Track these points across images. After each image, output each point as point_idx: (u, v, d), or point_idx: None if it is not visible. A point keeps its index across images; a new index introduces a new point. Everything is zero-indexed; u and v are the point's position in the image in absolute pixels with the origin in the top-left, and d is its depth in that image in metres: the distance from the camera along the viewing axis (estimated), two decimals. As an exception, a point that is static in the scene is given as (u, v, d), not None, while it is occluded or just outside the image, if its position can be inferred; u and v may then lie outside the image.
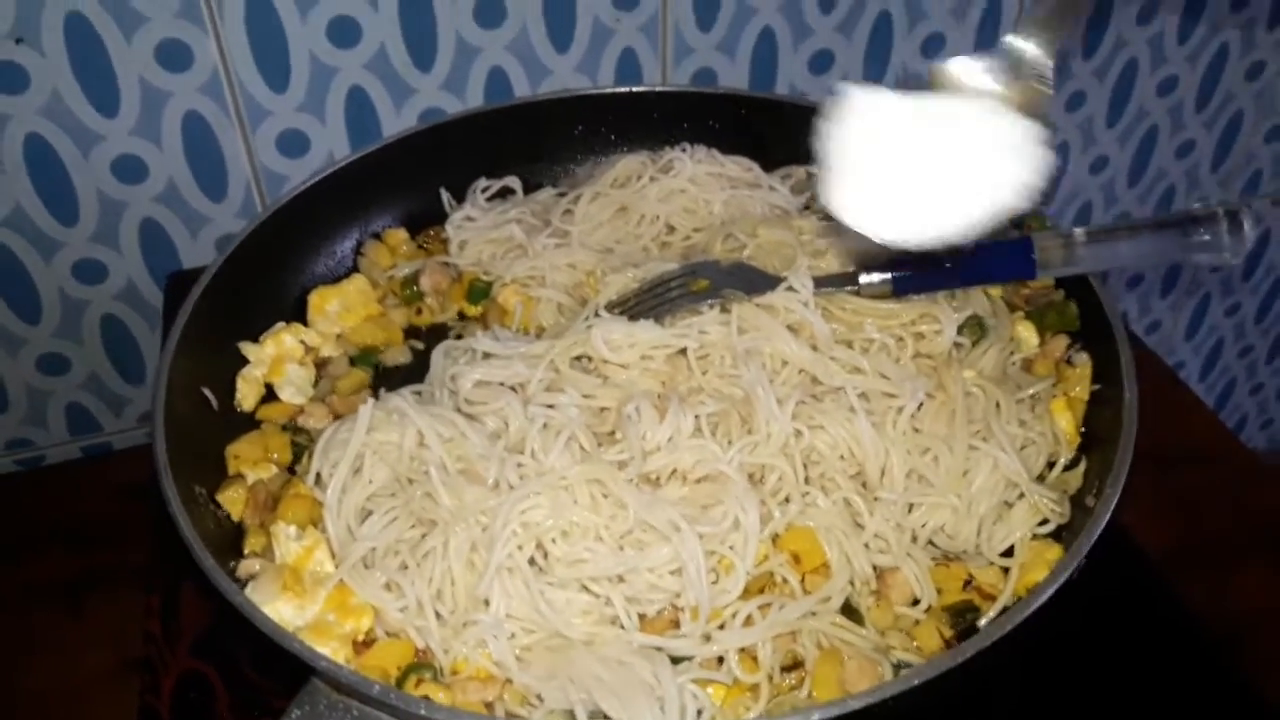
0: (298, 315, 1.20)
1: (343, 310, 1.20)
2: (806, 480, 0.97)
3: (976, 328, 1.07)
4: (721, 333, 1.05)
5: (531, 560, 0.91)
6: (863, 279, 1.07)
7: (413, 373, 1.17)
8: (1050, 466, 1.02)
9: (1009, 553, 0.96)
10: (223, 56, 1.32)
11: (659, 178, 1.29)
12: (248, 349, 1.13)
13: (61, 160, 1.33)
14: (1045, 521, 0.97)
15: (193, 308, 1.07)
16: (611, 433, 1.00)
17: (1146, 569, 1.12)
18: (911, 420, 0.99)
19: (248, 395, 1.12)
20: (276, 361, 1.14)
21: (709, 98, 1.36)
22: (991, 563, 0.96)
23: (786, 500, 0.95)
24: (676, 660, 0.88)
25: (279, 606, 0.91)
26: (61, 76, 1.27)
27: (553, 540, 0.91)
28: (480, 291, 1.23)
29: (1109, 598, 1.05)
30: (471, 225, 1.28)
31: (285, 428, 1.10)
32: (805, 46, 1.55)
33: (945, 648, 0.91)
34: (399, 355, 1.20)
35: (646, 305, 1.10)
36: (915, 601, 0.94)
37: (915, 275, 1.06)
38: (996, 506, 0.97)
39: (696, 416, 0.98)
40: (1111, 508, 0.89)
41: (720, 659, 0.89)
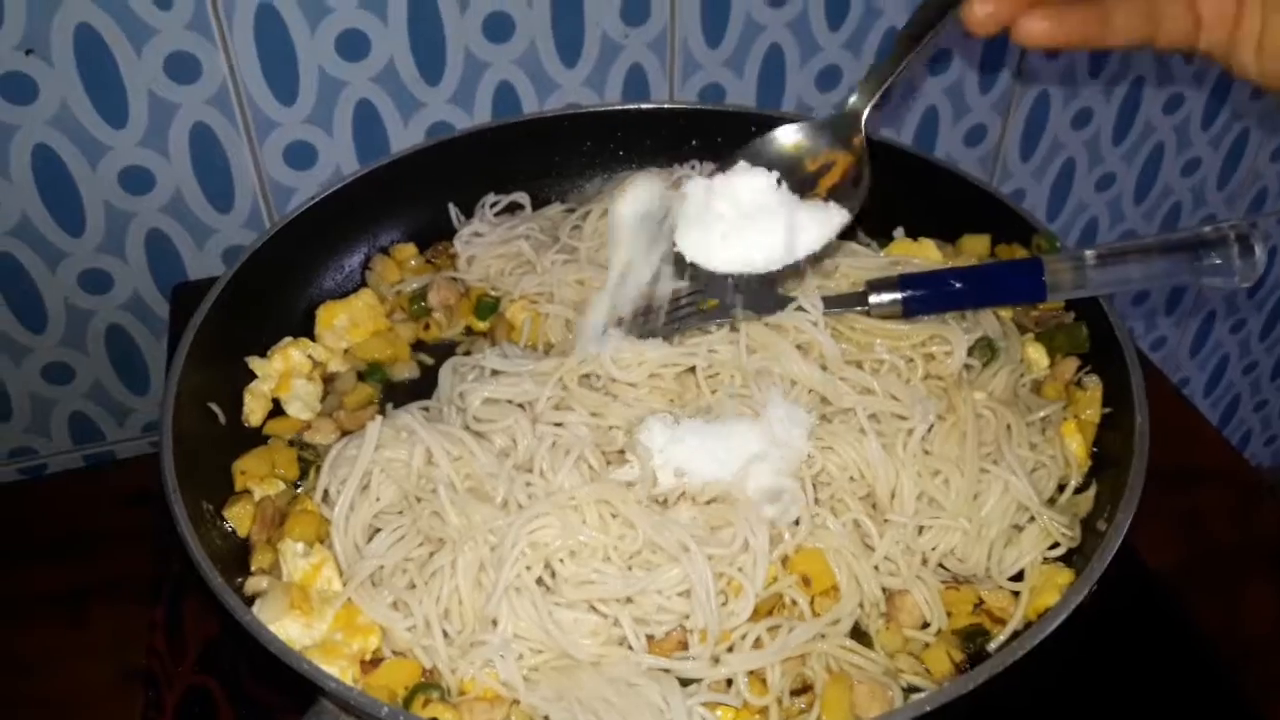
0: (305, 330, 1.20)
1: (350, 325, 1.20)
2: (816, 501, 0.97)
3: (987, 349, 1.07)
4: (731, 352, 1.04)
5: (539, 580, 0.91)
6: (872, 299, 1.07)
7: (420, 388, 1.17)
8: (1061, 490, 1.02)
9: (1019, 576, 0.96)
10: (231, 69, 1.32)
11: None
12: (255, 364, 1.13)
13: (69, 171, 1.33)
14: (1056, 545, 0.97)
15: (201, 322, 1.07)
16: (620, 451, 1.00)
17: (1153, 588, 1.12)
18: (922, 442, 0.98)
19: (255, 410, 1.12)
20: (284, 376, 1.14)
21: (719, 115, 1.36)
22: (1001, 586, 0.96)
23: (796, 522, 0.95)
24: (685, 682, 0.88)
25: (286, 625, 0.90)
26: (70, 87, 1.27)
27: (561, 560, 0.91)
28: (488, 307, 1.23)
29: (1116, 617, 1.05)
30: (480, 241, 1.28)
31: (292, 443, 1.10)
32: (813, 63, 1.55)
33: (955, 671, 0.91)
34: (406, 370, 1.20)
35: (655, 323, 1.10)
36: (925, 625, 0.94)
37: (925, 296, 1.06)
38: (1007, 530, 0.97)
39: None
40: (1124, 533, 0.89)
41: (729, 681, 0.88)
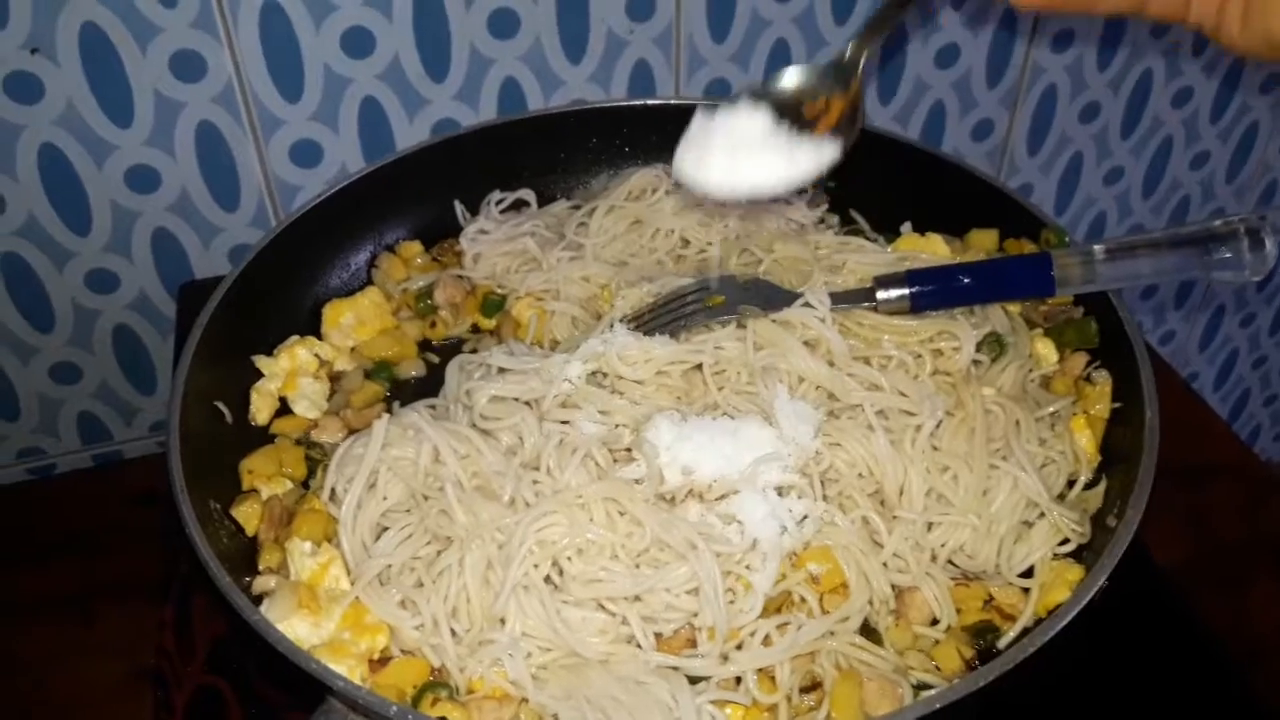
0: (312, 328, 1.20)
1: (357, 323, 1.20)
2: (824, 498, 0.96)
3: (995, 345, 1.06)
4: (738, 348, 1.04)
5: (547, 578, 0.91)
6: (880, 295, 1.06)
7: (427, 386, 1.17)
8: (1070, 485, 1.02)
9: (1029, 572, 0.96)
10: (236, 67, 1.32)
11: (674, 191, 1.28)
12: (262, 362, 1.13)
13: (75, 170, 1.33)
14: (1065, 541, 0.97)
15: (207, 321, 1.07)
16: (627, 449, 0.99)
17: (1162, 584, 1.11)
18: (930, 438, 0.98)
19: (262, 409, 1.11)
20: (290, 375, 1.13)
21: (725, 110, 1.35)
22: (1011, 582, 0.95)
23: (804, 519, 0.94)
24: (694, 680, 0.87)
25: (294, 624, 0.90)
26: (76, 87, 1.27)
27: (569, 558, 0.91)
28: (494, 304, 1.23)
29: (1125, 614, 1.04)
30: (486, 238, 1.28)
31: (299, 442, 1.10)
32: (819, 57, 1.54)
33: (965, 668, 0.90)
34: (413, 368, 1.19)
35: (662, 320, 1.09)
36: (934, 621, 0.94)
37: (933, 291, 1.06)
38: (1016, 526, 0.97)
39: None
40: (1134, 529, 0.89)
41: (738, 679, 0.88)
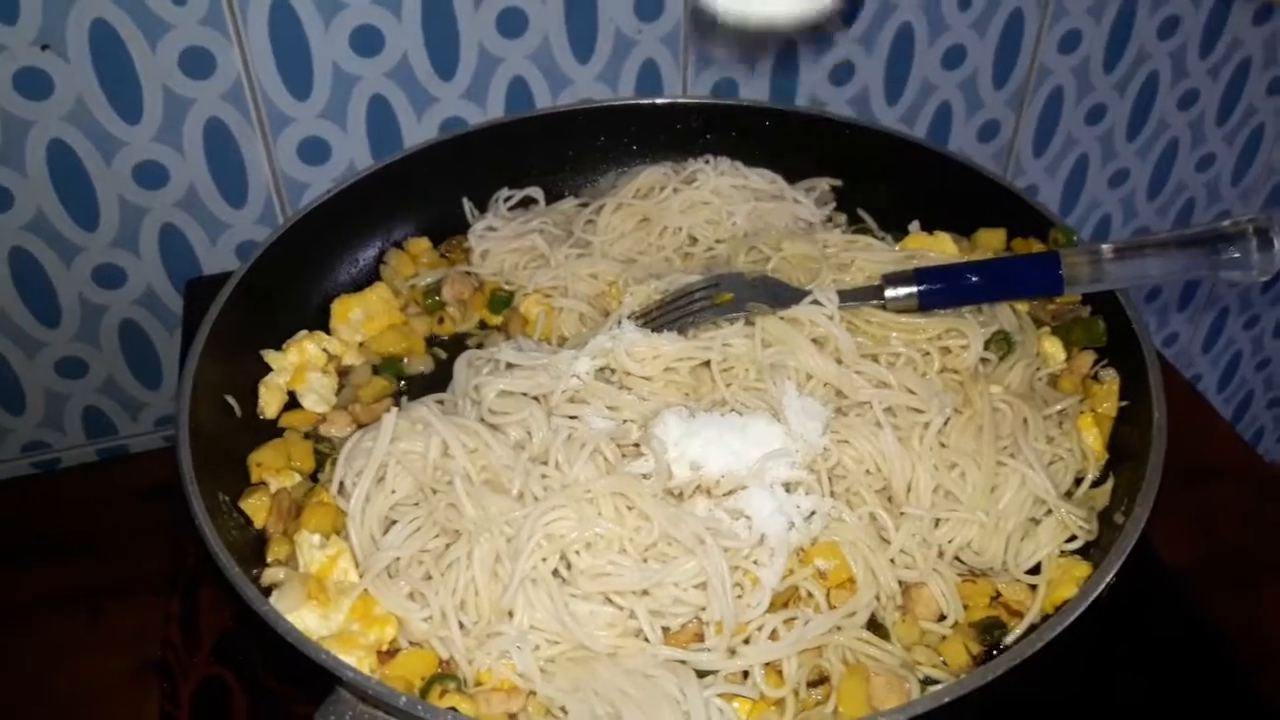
0: (320, 323, 1.20)
1: (365, 318, 1.20)
2: (832, 495, 0.96)
3: (1003, 343, 1.07)
4: (746, 345, 1.04)
5: (555, 572, 0.91)
6: (888, 293, 1.06)
7: (435, 381, 1.17)
8: (1078, 483, 1.02)
9: (1036, 569, 0.96)
10: (246, 64, 1.32)
11: (682, 189, 1.29)
12: (270, 356, 1.13)
13: (84, 166, 1.33)
14: (1073, 538, 0.97)
15: (217, 315, 1.07)
16: (636, 445, 1.00)
17: (1169, 584, 1.11)
18: (938, 435, 0.98)
19: (270, 403, 1.12)
20: (299, 369, 1.14)
21: (732, 109, 1.36)
22: (1018, 579, 0.95)
23: (812, 514, 0.95)
24: (702, 674, 0.88)
25: (304, 615, 0.90)
26: (85, 83, 1.27)
27: (577, 552, 0.91)
28: (502, 301, 1.23)
29: (1132, 611, 1.05)
30: (494, 235, 1.28)
31: (308, 436, 1.10)
32: (827, 58, 1.55)
33: (972, 664, 0.90)
34: (421, 364, 1.20)
35: (670, 317, 1.10)
36: (942, 617, 0.94)
37: (942, 289, 1.06)
38: (1024, 523, 0.97)
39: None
40: (1141, 526, 0.89)
41: (745, 673, 0.88)
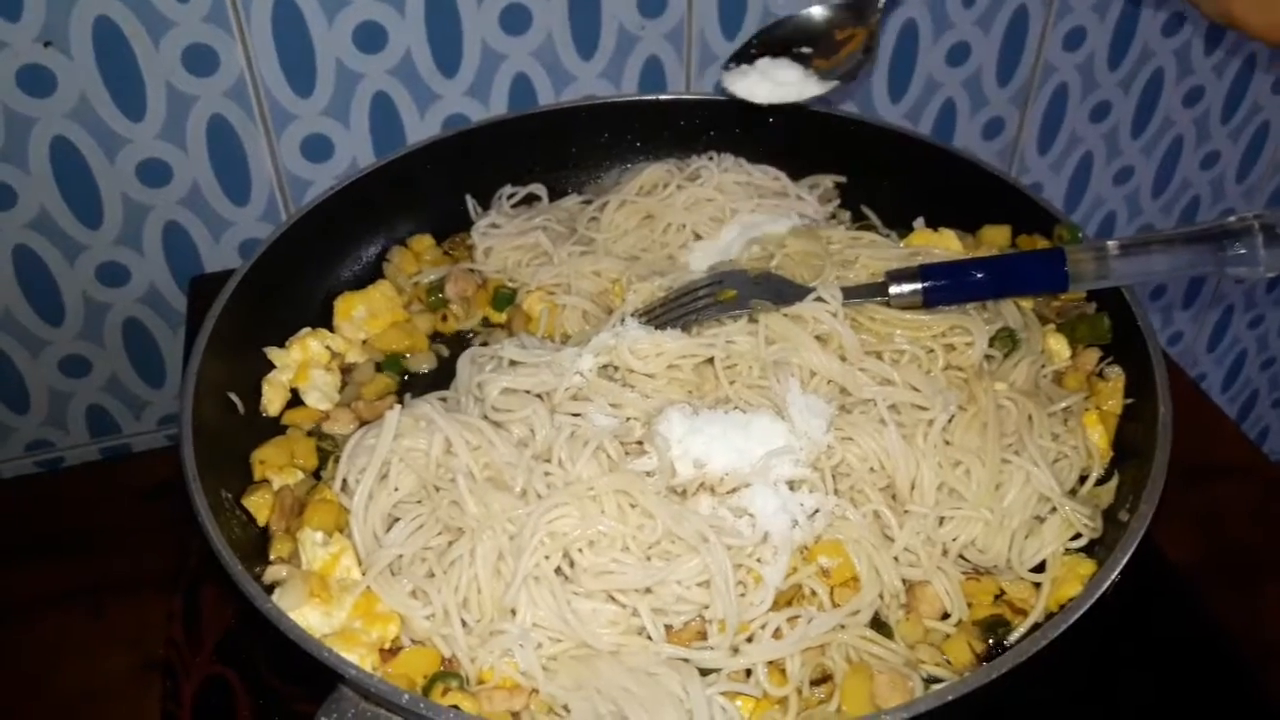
0: (323, 321, 1.20)
1: (368, 316, 1.20)
2: (836, 492, 0.96)
3: (1008, 340, 1.06)
4: (749, 343, 1.04)
5: (558, 570, 0.91)
6: (893, 290, 1.06)
7: (438, 379, 1.17)
8: (1082, 480, 1.01)
9: (1040, 567, 0.96)
10: (249, 61, 1.32)
11: (685, 186, 1.28)
12: (273, 354, 1.13)
13: (87, 163, 1.33)
14: (1077, 536, 0.96)
15: (220, 312, 1.07)
16: (639, 442, 0.99)
17: (1174, 583, 1.11)
18: (943, 433, 0.98)
19: (273, 400, 1.12)
20: (302, 367, 1.14)
21: (736, 106, 1.35)
22: (1023, 577, 0.95)
23: (816, 512, 0.94)
24: (705, 672, 0.87)
25: (306, 613, 0.90)
26: (89, 80, 1.27)
27: (580, 550, 0.91)
28: (505, 298, 1.23)
29: (1137, 609, 1.04)
30: (497, 232, 1.28)
31: (311, 433, 1.10)
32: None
33: (976, 662, 0.90)
34: (424, 361, 1.19)
35: (673, 314, 1.09)
36: (945, 615, 0.94)
37: (946, 286, 1.06)
38: (1028, 521, 0.96)
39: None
40: (1147, 524, 0.88)
41: (748, 671, 0.88)
